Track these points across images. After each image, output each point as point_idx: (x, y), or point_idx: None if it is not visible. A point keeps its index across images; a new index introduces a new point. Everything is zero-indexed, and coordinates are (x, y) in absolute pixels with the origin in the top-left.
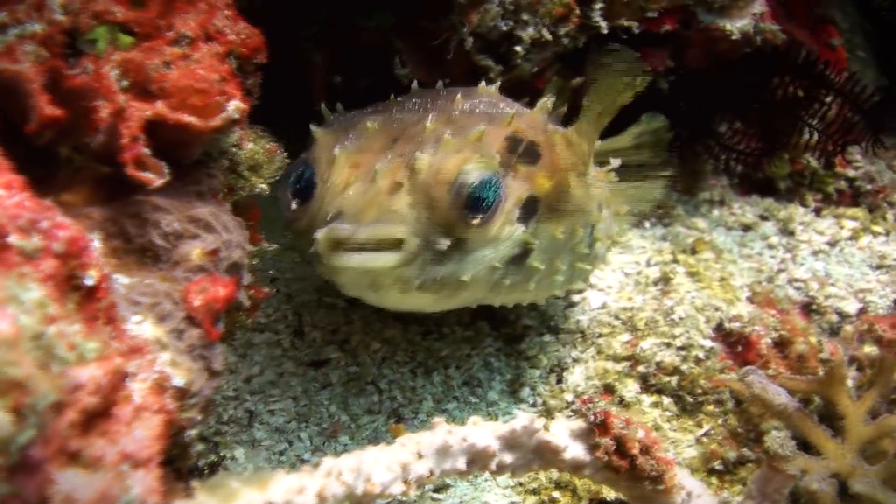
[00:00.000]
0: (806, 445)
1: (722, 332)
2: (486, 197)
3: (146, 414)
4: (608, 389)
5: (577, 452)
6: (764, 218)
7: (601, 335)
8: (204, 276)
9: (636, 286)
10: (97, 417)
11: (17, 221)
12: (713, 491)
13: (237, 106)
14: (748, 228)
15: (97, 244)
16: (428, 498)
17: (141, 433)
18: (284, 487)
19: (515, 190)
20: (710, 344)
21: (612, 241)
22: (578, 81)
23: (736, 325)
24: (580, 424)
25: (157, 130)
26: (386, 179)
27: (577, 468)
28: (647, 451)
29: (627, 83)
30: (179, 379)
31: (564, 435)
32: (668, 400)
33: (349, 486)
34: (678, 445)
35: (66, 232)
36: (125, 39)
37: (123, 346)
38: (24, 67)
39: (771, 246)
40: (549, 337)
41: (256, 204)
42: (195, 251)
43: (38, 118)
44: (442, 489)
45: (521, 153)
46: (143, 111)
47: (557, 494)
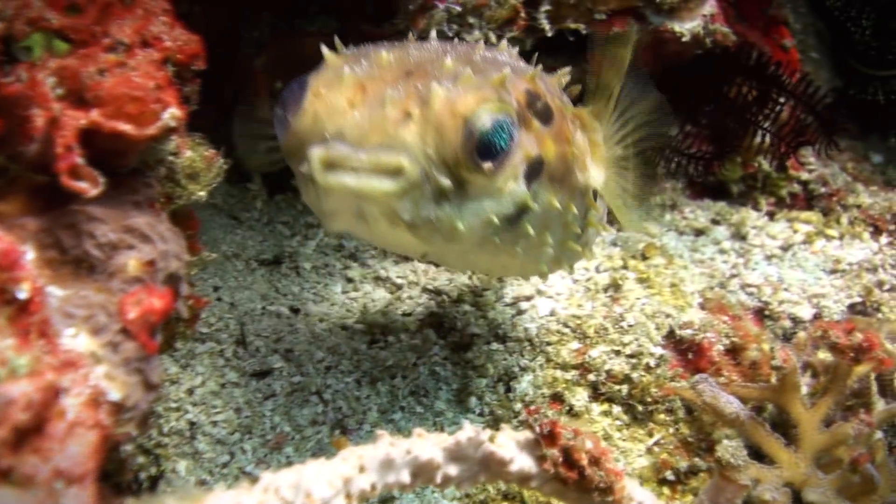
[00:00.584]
0: (759, 454)
1: (673, 339)
2: (498, 144)
3: (80, 430)
4: (557, 398)
5: (524, 464)
6: (716, 222)
7: (550, 343)
8: (140, 287)
9: (585, 293)
10: (29, 434)
11: None
12: (664, 501)
13: (173, 114)
14: (700, 233)
15: (30, 256)
16: None
17: (75, 449)
18: None
19: (526, 146)
20: (660, 351)
21: (604, 229)
22: None
23: (687, 331)
24: (527, 435)
25: (92, 139)
26: (396, 107)
27: (524, 480)
28: (595, 461)
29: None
30: (115, 393)
31: (511, 446)
32: (618, 409)
33: (288, 502)
34: (629, 455)
35: None
36: (61, 46)
37: (57, 360)
38: None
39: (723, 251)
40: (496, 345)
41: (195, 213)
42: (131, 262)
43: None
44: (387, 501)
45: (537, 110)
46: (77, 120)
47: None
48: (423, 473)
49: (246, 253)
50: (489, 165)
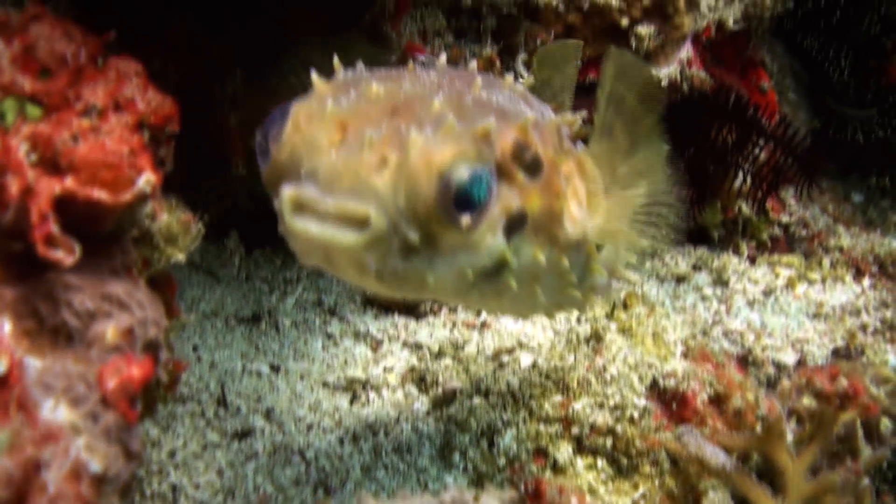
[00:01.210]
0: None
1: (656, 389)
2: (474, 198)
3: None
4: (541, 452)
5: None
6: (697, 268)
7: (532, 396)
8: (119, 356)
9: (567, 344)
10: None
11: None
12: None
13: (148, 179)
14: (681, 280)
15: (7, 327)
16: None
17: None
18: None
19: (507, 199)
20: (644, 403)
21: (616, 275)
22: None
23: (670, 381)
24: (511, 494)
25: (67, 206)
26: (373, 152)
27: None
28: None
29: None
30: (96, 464)
31: None
32: (602, 462)
33: None
34: None
35: None
36: (34, 111)
37: (37, 433)
38: None
39: (705, 297)
40: (478, 400)
41: (173, 274)
42: (109, 330)
43: None
44: None
45: (524, 162)
46: (52, 187)
47: None
48: None
49: (225, 310)
50: (465, 220)
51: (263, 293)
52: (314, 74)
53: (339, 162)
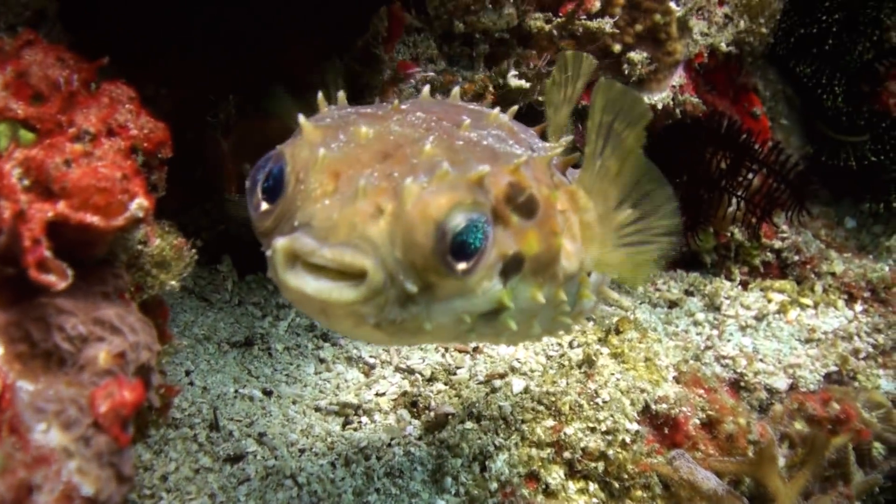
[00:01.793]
0: None
1: (648, 414)
2: (470, 246)
3: None
4: (533, 477)
5: None
6: (690, 293)
7: (524, 421)
8: (111, 380)
9: (559, 369)
10: None
11: None
12: None
13: (141, 204)
14: (673, 305)
15: (0, 351)
16: None
17: None
18: None
19: (502, 243)
20: (636, 427)
21: (602, 294)
22: None
23: (662, 406)
24: None
25: (60, 230)
26: (367, 201)
27: None
28: None
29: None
30: (88, 488)
31: None
32: (594, 486)
33: None
34: None
35: None
36: (27, 136)
37: (28, 456)
38: None
39: (697, 322)
40: (471, 424)
41: (165, 299)
42: (101, 354)
43: None
44: None
45: (518, 204)
46: (44, 212)
47: None
48: None
49: (217, 335)
50: (462, 268)
51: (256, 318)
52: (301, 118)
53: (333, 212)
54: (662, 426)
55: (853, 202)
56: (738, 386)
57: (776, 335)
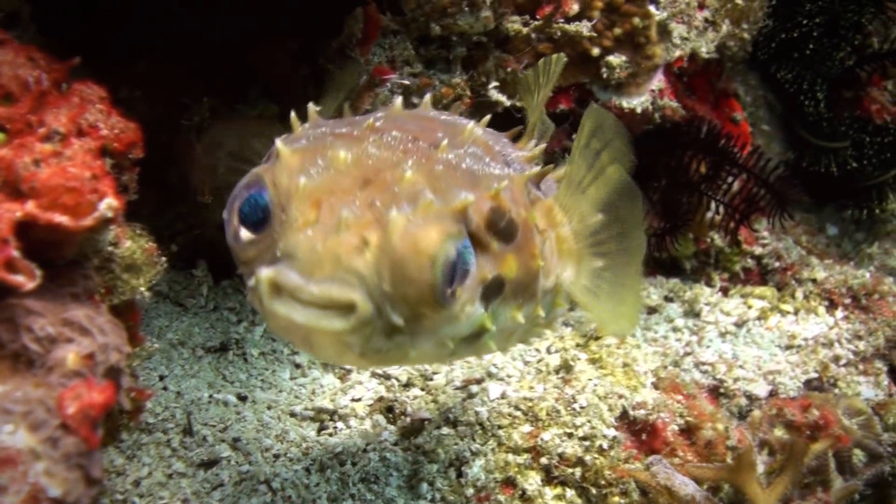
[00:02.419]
0: None
1: (626, 420)
2: (456, 275)
3: None
4: (509, 483)
5: None
6: (669, 299)
7: (501, 427)
8: (79, 381)
9: (536, 375)
10: None
11: None
12: None
13: (110, 204)
14: (653, 311)
15: None
16: None
17: None
18: None
19: (483, 268)
20: (613, 433)
21: (573, 298)
22: None
23: (640, 412)
24: None
25: (28, 231)
26: (352, 233)
27: None
28: None
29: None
30: (55, 490)
31: None
32: (571, 492)
33: None
34: None
35: None
36: None
37: None
38: None
39: (676, 328)
40: (447, 430)
41: (136, 303)
42: (70, 356)
43: None
44: None
45: (498, 230)
46: (13, 212)
47: None
48: None
49: (192, 340)
50: (448, 297)
51: (231, 323)
52: (279, 142)
53: (317, 244)
54: (640, 432)
55: (835, 209)
56: (717, 392)
57: (756, 341)
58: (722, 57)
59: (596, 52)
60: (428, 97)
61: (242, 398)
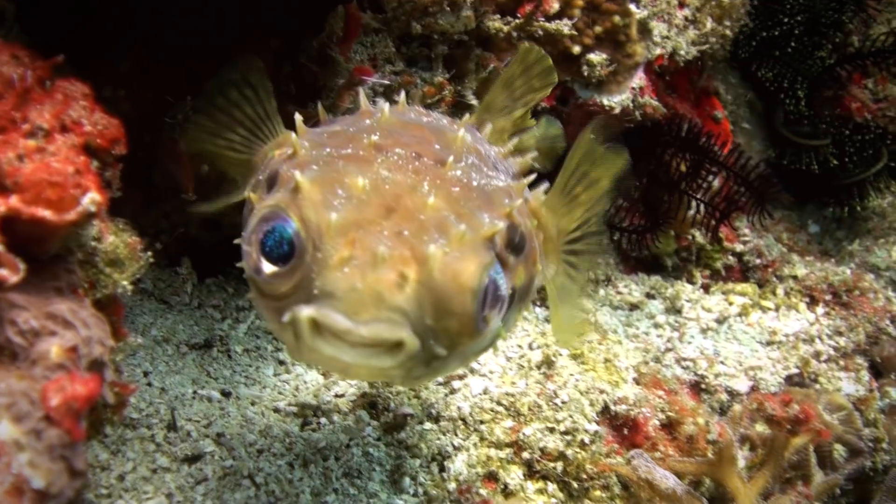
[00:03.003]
0: None
1: (608, 415)
2: (488, 301)
3: None
4: (491, 477)
5: None
6: (651, 296)
7: (483, 422)
8: (63, 373)
9: (518, 370)
10: None
11: None
12: None
13: (93, 198)
14: (634, 307)
15: None
16: None
17: None
18: None
19: (506, 285)
20: (595, 428)
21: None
22: None
23: (622, 407)
24: None
25: (12, 225)
26: (390, 270)
27: None
28: None
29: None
30: (38, 481)
31: None
32: (553, 486)
33: None
34: None
35: None
36: None
37: None
38: None
39: (658, 325)
40: (429, 425)
41: (119, 298)
42: (54, 349)
43: None
44: None
45: (514, 245)
46: None
47: None
48: None
49: (176, 337)
50: (482, 322)
51: (215, 320)
52: (300, 176)
53: (357, 283)
54: (622, 427)
55: (817, 207)
56: (698, 388)
57: (737, 338)
58: (703, 55)
59: (577, 50)
60: (402, 96)
61: (226, 394)
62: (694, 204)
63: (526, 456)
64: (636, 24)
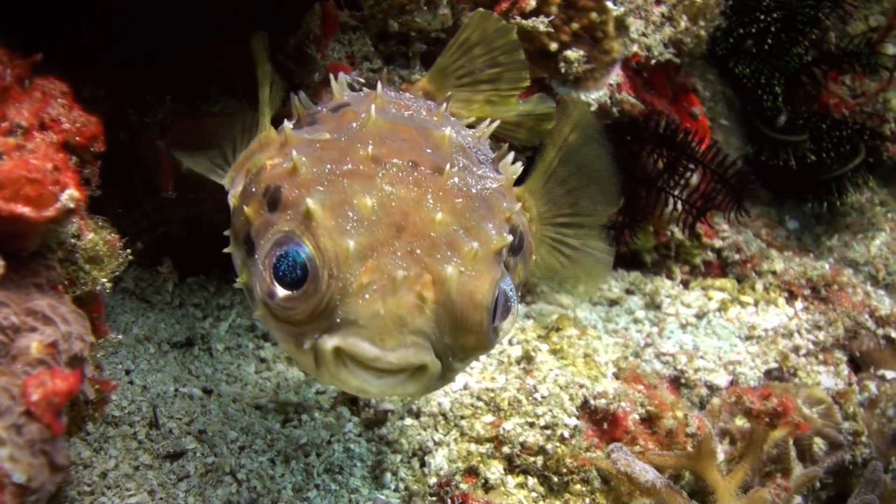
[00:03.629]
0: None
1: (587, 409)
2: (499, 312)
3: None
4: (472, 472)
5: None
6: (630, 292)
7: (463, 417)
8: (43, 369)
9: (498, 366)
10: None
11: None
12: None
13: (72, 195)
14: (614, 303)
15: None
16: None
17: None
18: None
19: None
20: (574, 422)
21: None
22: None
23: (601, 401)
24: None
25: None
26: (408, 292)
27: None
28: None
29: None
30: (19, 475)
31: None
32: (533, 480)
33: None
34: None
35: None
36: None
37: None
38: None
39: (637, 320)
40: (410, 420)
41: (99, 295)
42: (34, 344)
43: None
44: None
45: (515, 247)
46: None
47: None
48: None
49: (158, 336)
50: (493, 334)
51: (197, 319)
52: (310, 201)
53: (379, 309)
54: (601, 421)
55: (795, 203)
56: (678, 383)
57: (716, 332)
58: (679, 52)
59: (554, 46)
60: (380, 88)
61: (208, 392)
62: (671, 201)
63: (506, 450)
64: (613, 20)
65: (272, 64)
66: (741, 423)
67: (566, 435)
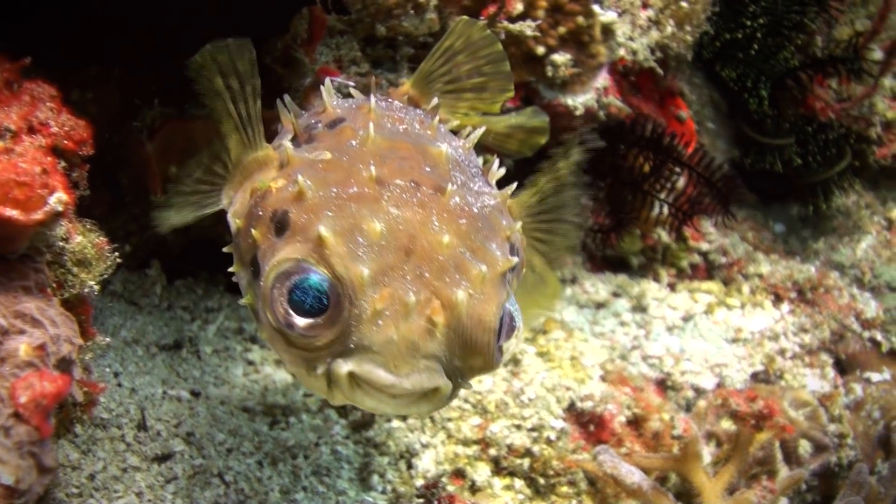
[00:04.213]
0: None
1: (574, 411)
2: (504, 331)
3: None
4: (459, 474)
5: None
6: (617, 295)
7: (450, 419)
8: (32, 371)
9: None
10: None
11: None
12: None
13: (60, 198)
14: (601, 306)
15: None
16: None
17: None
18: None
19: (518, 315)
20: (561, 424)
21: None
22: None
23: (588, 404)
24: None
25: None
26: (419, 317)
27: None
28: None
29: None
30: (7, 477)
31: None
32: (520, 483)
33: None
34: None
35: None
36: None
37: None
38: None
39: (623, 323)
40: (397, 423)
41: (87, 298)
42: (22, 346)
43: None
44: None
45: (514, 266)
46: None
47: None
48: None
49: (146, 338)
50: (499, 354)
51: (185, 321)
52: (322, 228)
53: (392, 335)
54: (588, 423)
55: (782, 207)
56: (664, 385)
57: (703, 335)
58: (666, 56)
59: (541, 50)
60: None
61: (196, 394)
62: (658, 204)
63: (493, 453)
64: (599, 24)
65: (260, 67)
66: (727, 425)
67: (553, 437)
